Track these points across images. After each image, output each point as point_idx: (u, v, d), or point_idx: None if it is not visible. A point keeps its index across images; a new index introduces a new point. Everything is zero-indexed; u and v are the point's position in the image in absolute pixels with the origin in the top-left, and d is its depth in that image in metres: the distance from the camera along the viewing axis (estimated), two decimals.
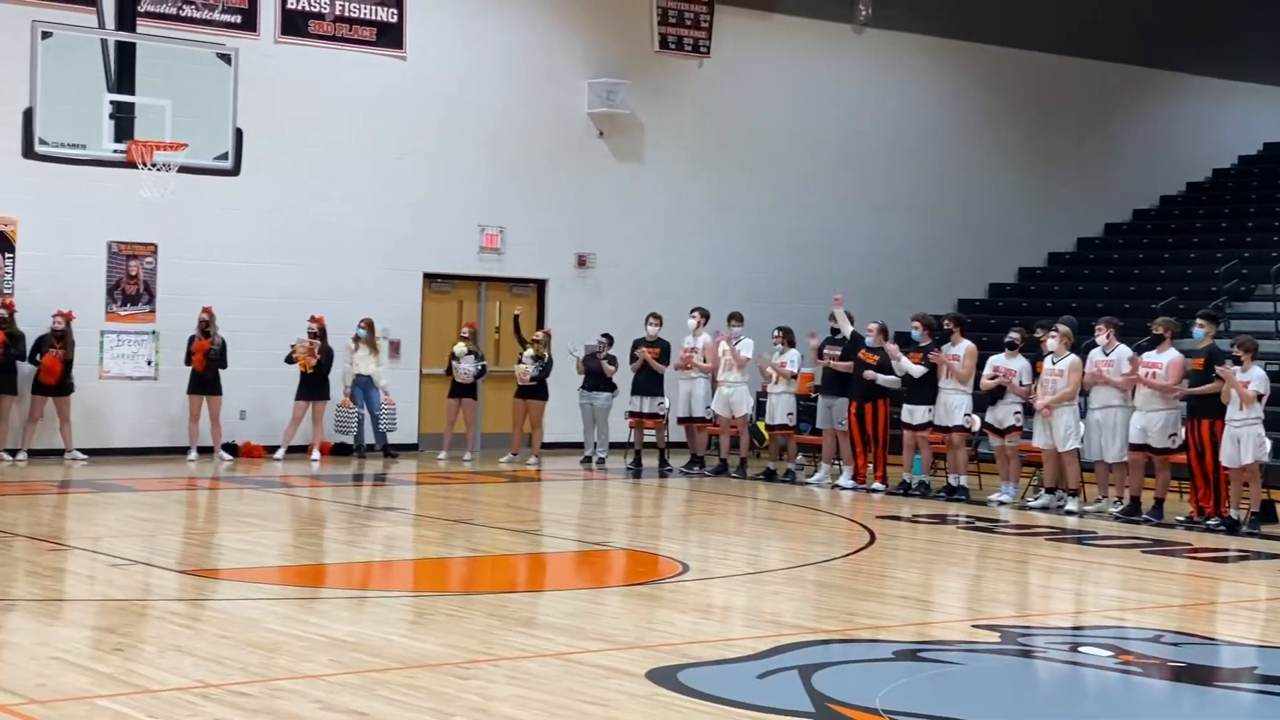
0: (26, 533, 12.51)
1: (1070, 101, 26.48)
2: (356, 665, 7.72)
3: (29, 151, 14.72)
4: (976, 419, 16.63)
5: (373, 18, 20.54)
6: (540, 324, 21.52)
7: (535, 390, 19.68)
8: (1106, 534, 14.28)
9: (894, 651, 8.67)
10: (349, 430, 19.70)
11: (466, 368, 19.70)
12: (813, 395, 19.21)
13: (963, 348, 16.75)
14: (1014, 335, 16.54)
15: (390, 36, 20.68)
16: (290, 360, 19.06)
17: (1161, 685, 8.35)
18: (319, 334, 19.17)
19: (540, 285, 22.13)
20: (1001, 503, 16.21)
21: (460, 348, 19.77)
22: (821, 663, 8.24)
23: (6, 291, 18.28)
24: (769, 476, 18.41)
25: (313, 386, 19.16)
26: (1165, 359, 15.01)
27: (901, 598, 10.64)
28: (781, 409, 18.50)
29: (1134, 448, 15.14)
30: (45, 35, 14.54)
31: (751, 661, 8.14)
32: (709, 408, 19.05)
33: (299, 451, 19.29)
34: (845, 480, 17.59)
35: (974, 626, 9.48)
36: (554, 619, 9.26)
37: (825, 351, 17.95)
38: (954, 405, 16.63)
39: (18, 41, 15.02)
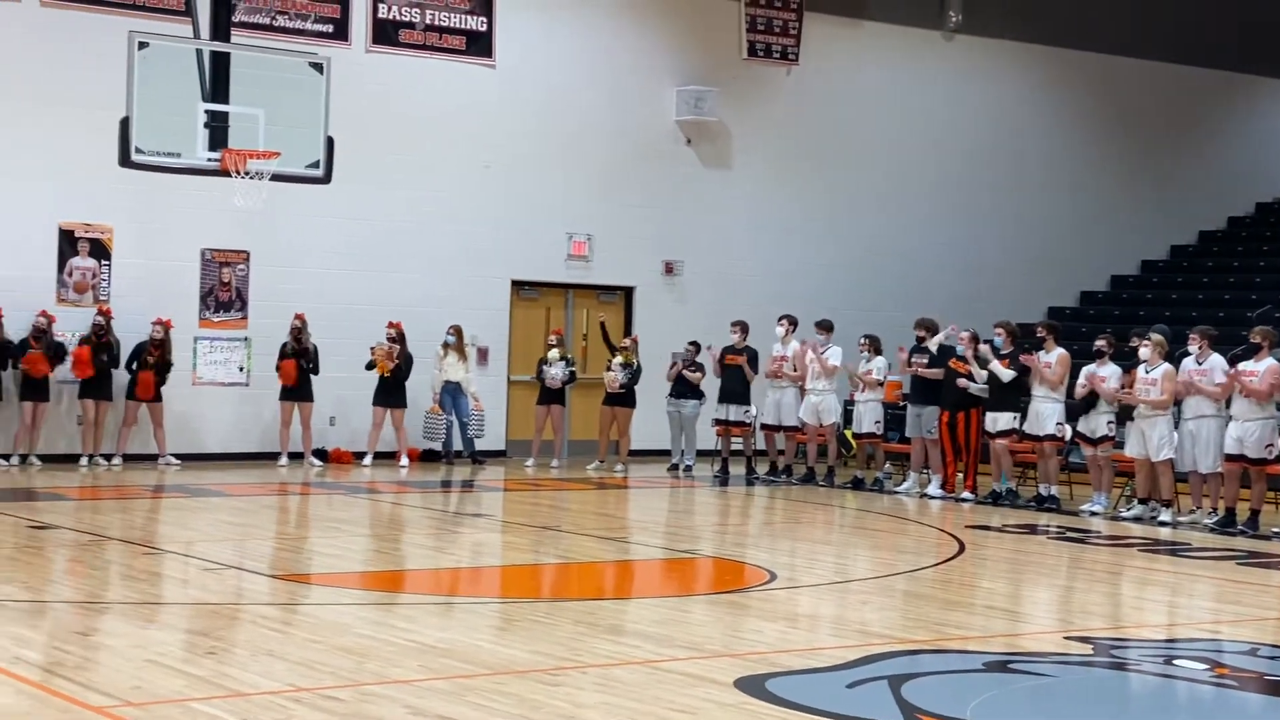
0: (121, 536, 12.68)
1: (1164, 107, 26.17)
2: (445, 671, 7.75)
3: (125, 160, 14.90)
4: (1068, 428, 16.46)
5: (463, 27, 20.67)
6: (627, 331, 21.55)
7: (623, 397, 19.71)
8: (1201, 546, 14.08)
9: (984, 663, 8.59)
10: (438, 437, 19.80)
11: (555, 373, 19.76)
12: (901, 403, 19.10)
13: (1055, 355, 16.59)
14: (1100, 343, 16.36)
15: (480, 45, 20.79)
16: (371, 366, 19.20)
17: (1258, 699, 8.22)
18: (397, 339, 19.29)
19: (627, 292, 22.16)
20: (1093, 513, 16.04)
21: (553, 353, 19.84)
22: (911, 673, 8.18)
23: (103, 298, 18.54)
24: (857, 485, 18.31)
25: (390, 393, 19.26)
26: (1262, 367, 14.80)
27: (991, 608, 10.55)
28: (869, 417, 18.40)
29: (1229, 458, 14.93)
30: (142, 45, 14.72)
31: (840, 671, 8.09)
32: (798, 416, 18.98)
33: (387, 458, 19.42)
34: (934, 489, 17.48)
35: (1066, 638, 9.37)
36: (641, 626, 9.26)
37: (913, 360, 17.84)
38: (1046, 414, 16.48)
39: (115, 52, 15.22)
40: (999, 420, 16.81)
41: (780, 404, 19.02)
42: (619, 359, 19.68)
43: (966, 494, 17.12)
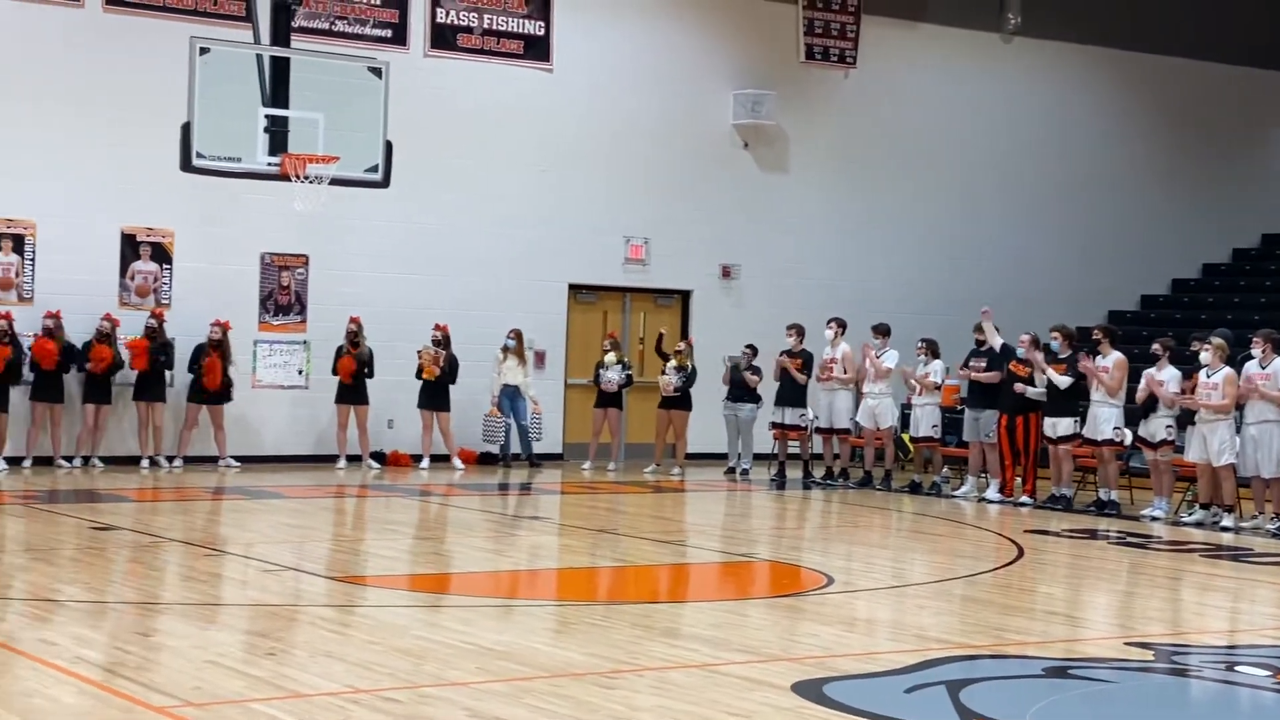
0: (182, 538, 12.78)
1: (1226, 109, 25.94)
2: (503, 673, 7.77)
3: (186, 165, 15.01)
4: (1128, 432, 16.34)
5: (520, 31, 20.73)
6: (684, 334, 21.54)
7: (678, 401, 19.71)
8: (1263, 551, 13.95)
9: (1044, 668, 8.54)
10: (496, 439, 19.85)
11: (612, 376, 19.78)
12: (959, 407, 19.02)
13: (1112, 359, 16.47)
14: (1157, 346, 16.23)
15: (537, 49, 20.85)
16: (419, 373, 19.27)
17: None
18: (443, 341, 19.34)
19: (685, 296, 22.16)
20: (1154, 518, 15.91)
21: (610, 357, 19.86)
22: (970, 678, 8.14)
23: (164, 302, 18.70)
24: (914, 489, 18.24)
25: (434, 396, 19.28)
26: None
27: (1051, 613, 10.48)
28: (926, 421, 18.33)
29: None
30: (203, 51, 14.82)
31: (898, 676, 8.06)
32: (853, 419, 18.94)
33: (443, 460, 19.49)
34: (992, 493, 17.39)
35: (1126, 644, 9.30)
36: (698, 630, 9.25)
37: (971, 363, 17.75)
38: (1104, 418, 16.36)
39: (177, 57, 15.35)
40: (1059, 425, 16.70)
41: (833, 407, 18.97)
42: (673, 363, 19.68)
43: (1025, 498, 17.02)
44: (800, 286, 22.24)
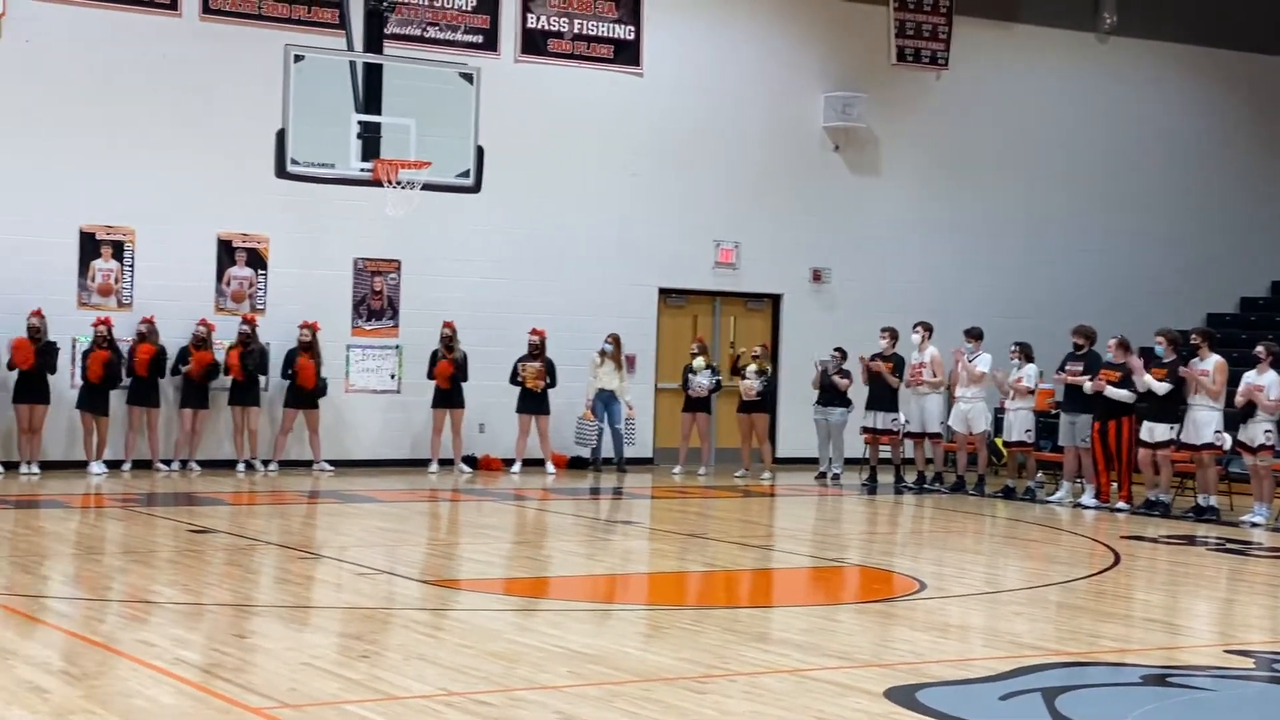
0: (278, 541, 12.91)
1: None
2: (594, 677, 7.78)
3: (281, 171, 15.17)
4: (1227, 437, 16.10)
5: (610, 35, 20.77)
6: (775, 339, 21.51)
7: (758, 405, 19.67)
8: None
9: (1141, 676, 8.43)
10: (588, 443, 19.90)
11: (702, 381, 19.77)
12: (1053, 411, 18.83)
13: (1211, 363, 16.23)
14: (1259, 349, 15.99)
15: (628, 54, 20.88)
16: (516, 380, 19.34)
17: None
18: (539, 347, 19.42)
19: (775, 300, 22.11)
20: (1254, 524, 15.67)
21: (698, 361, 19.85)
22: (1066, 685, 8.05)
23: (259, 307, 18.90)
24: (1007, 494, 18.08)
25: (537, 401, 19.40)
26: None
27: (1149, 620, 10.35)
28: (1019, 425, 18.17)
29: None
30: (298, 59, 14.98)
31: (993, 683, 7.99)
32: (944, 423, 18.81)
33: (534, 465, 19.56)
34: (1088, 499, 17.20)
35: (1226, 652, 9.17)
36: (789, 635, 9.22)
37: (1068, 367, 17.57)
38: (1203, 422, 16.13)
39: (272, 65, 15.52)
40: (1155, 430, 16.49)
41: (924, 411, 18.85)
42: (753, 367, 19.63)
43: (1121, 504, 16.82)
44: (891, 290, 22.12)
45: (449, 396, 19.11)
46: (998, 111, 23.23)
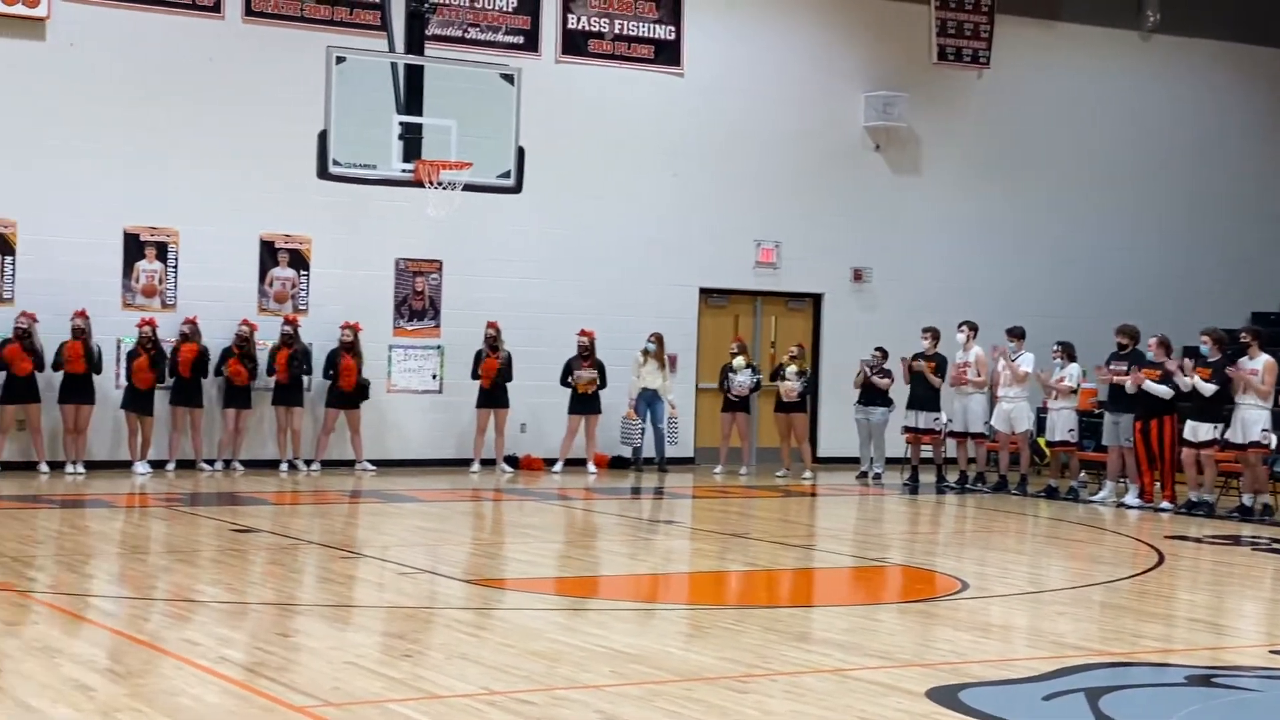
0: (320, 540, 12.97)
1: None
2: (636, 676, 7.79)
3: (323, 172, 15.20)
4: (1274, 436, 15.99)
5: (651, 36, 20.78)
6: (816, 339, 21.47)
7: (797, 405, 19.64)
8: None
9: (1185, 676, 8.38)
10: (632, 442, 19.91)
11: (742, 380, 19.76)
12: (1096, 411, 18.74)
13: (1261, 361, 16.12)
14: None
15: (668, 54, 20.89)
16: (567, 383, 19.38)
17: None
18: (589, 349, 19.46)
19: (816, 300, 22.07)
20: None
21: (738, 361, 19.85)
22: (1109, 686, 8.01)
23: (301, 308, 18.99)
24: (1050, 494, 18.01)
25: (587, 402, 19.47)
26: None
27: (1193, 620, 10.29)
28: (1062, 425, 18.09)
29: None
30: (339, 60, 15.02)
31: (1036, 683, 7.96)
32: (987, 423, 18.75)
33: (575, 464, 19.59)
34: (1131, 498, 17.11)
35: (1271, 652, 9.11)
36: (830, 634, 9.21)
37: (1111, 366, 17.49)
38: (1251, 421, 16.02)
39: (314, 66, 15.58)
40: (1200, 430, 16.40)
41: (967, 411, 18.79)
42: (793, 368, 19.60)
43: (1165, 504, 16.73)
44: (932, 290, 22.05)
45: (494, 396, 19.17)
46: (1039, 110, 23.14)
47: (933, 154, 22.60)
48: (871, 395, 19.49)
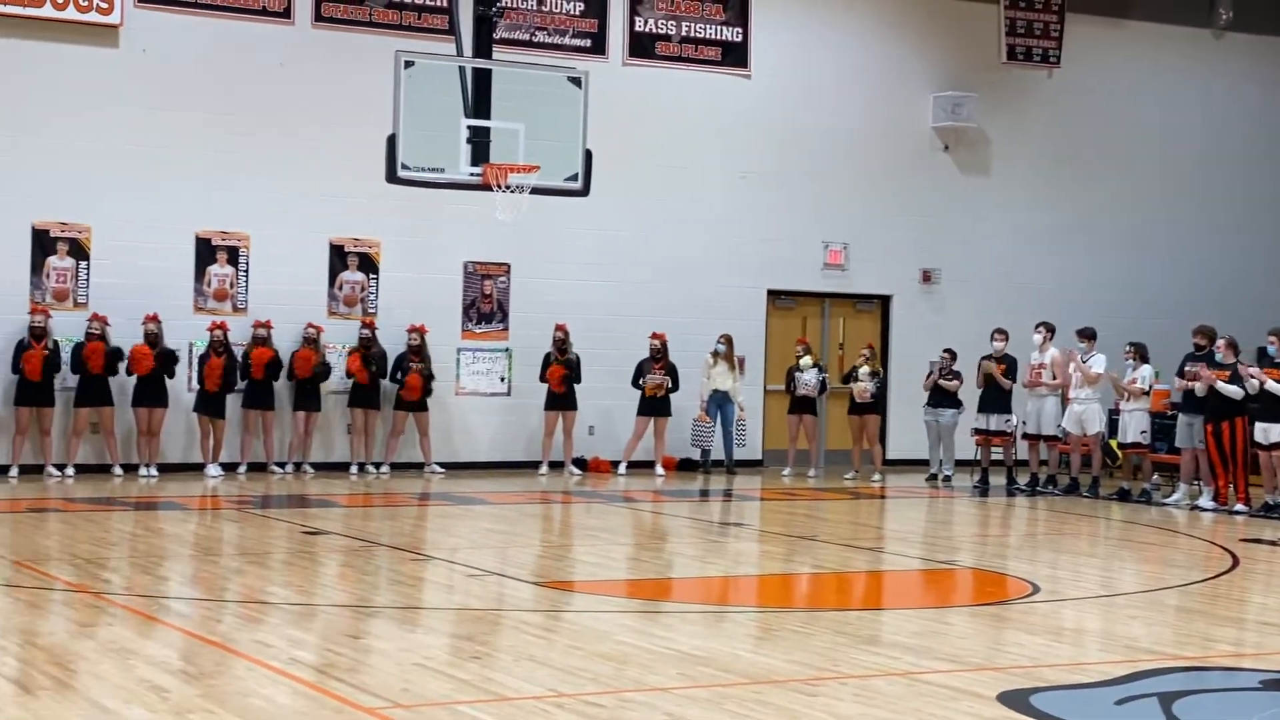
0: (389, 543, 13.04)
1: None
2: (704, 679, 7.78)
3: (392, 176, 15.29)
4: None
5: (718, 38, 20.76)
6: (885, 340, 21.38)
7: (870, 406, 19.57)
8: None
9: (1260, 681, 8.28)
10: (706, 443, 19.89)
11: (809, 379, 19.71)
12: (1169, 413, 18.56)
13: None
14: None
15: (735, 56, 20.86)
16: (639, 385, 19.40)
17: None
18: (662, 351, 19.48)
19: (884, 301, 21.98)
20: None
21: (805, 360, 19.80)
22: (1183, 690, 7.93)
23: (370, 311, 19.10)
24: (1123, 496, 17.85)
25: (657, 404, 19.49)
26: None
27: (1266, 625, 10.17)
28: (1134, 427, 17.93)
29: None
30: (408, 65, 15.10)
31: (1108, 687, 7.89)
32: (1059, 425, 18.61)
33: (642, 466, 19.60)
34: (1205, 501, 16.94)
35: None
36: (900, 638, 9.16)
37: (1187, 369, 17.29)
38: None
39: (382, 71, 15.66)
40: (1271, 432, 16.20)
41: (1040, 413, 18.65)
42: (866, 368, 19.54)
43: (1240, 506, 16.55)
44: (1002, 291, 21.92)
45: (562, 399, 19.21)
46: (1110, 109, 22.95)
47: (1002, 154, 22.46)
48: (941, 397, 19.40)
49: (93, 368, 17.38)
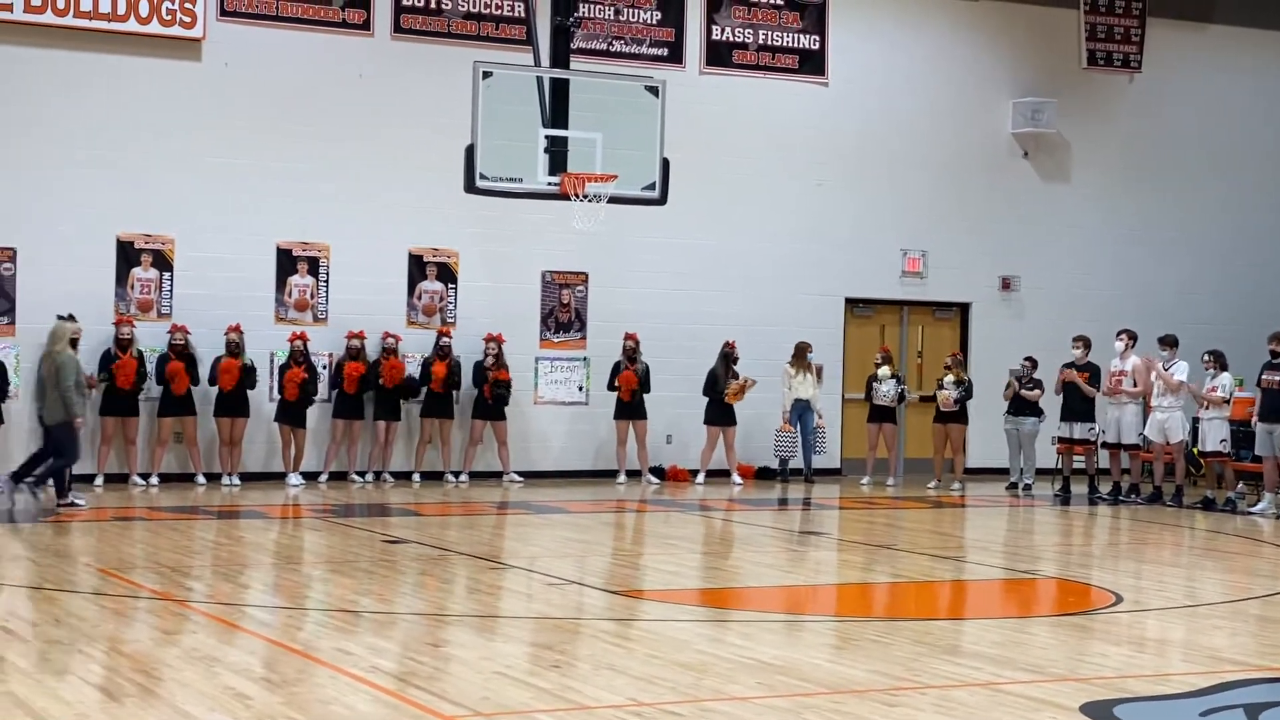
0: (468, 551, 13.09)
1: None
2: (783, 689, 7.76)
3: (470, 186, 15.39)
4: None
5: (795, 45, 20.73)
6: (964, 348, 21.25)
7: (956, 415, 19.45)
8: None
9: None
10: (789, 452, 19.84)
11: (887, 389, 19.63)
12: (1251, 421, 18.33)
13: None
14: None
15: (812, 63, 20.82)
16: (718, 392, 19.37)
17: None
18: (731, 358, 19.46)
19: (963, 309, 21.85)
20: None
21: (883, 370, 19.72)
22: (1269, 702, 7.83)
23: (449, 321, 19.20)
24: (1207, 505, 17.64)
25: (724, 412, 19.44)
26: None
27: None
28: (1214, 435, 17.73)
29: None
30: (486, 75, 15.20)
31: (1193, 699, 7.80)
32: (1141, 434, 18.42)
33: (719, 475, 19.57)
34: None
35: None
36: (981, 648, 9.09)
37: (1264, 377, 17.07)
38: None
39: (461, 81, 15.77)
40: None
41: (1121, 421, 18.48)
42: (951, 377, 19.43)
43: None
44: (1082, 298, 21.75)
45: (632, 408, 19.22)
46: (1192, 114, 22.71)
47: (1082, 160, 22.28)
48: (1021, 405, 19.25)
49: (176, 389, 17.56)
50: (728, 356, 19.50)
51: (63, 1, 17.51)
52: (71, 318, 16.29)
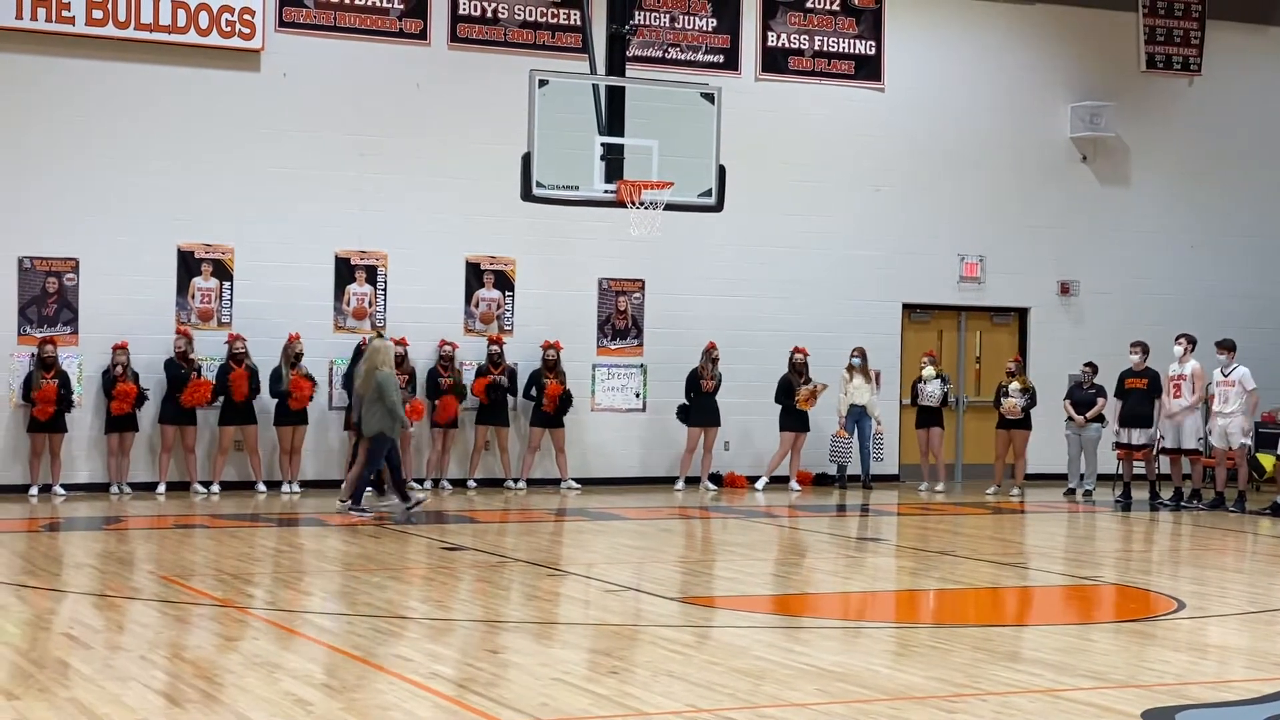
0: (526, 558, 13.12)
1: None
2: (842, 695, 7.74)
3: (527, 194, 15.44)
4: None
5: (851, 51, 20.69)
6: (1023, 353, 21.14)
7: (1020, 421, 19.35)
8: None
9: None
10: (845, 458, 19.79)
11: (932, 390, 19.55)
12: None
13: None
14: None
15: (869, 69, 20.77)
16: (790, 397, 19.36)
17: None
18: (804, 366, 19.45)
19: (1021, 314, 21.74)
20: None
21: (927, 371, 19.63)
22: None
23: (506, 328, 19.25)
24: (1274, 511, 17.47)
25: (800, 418, 19.43)
26: None
27: None
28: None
29: None
30: (542, 83, 15.24)
31: (1256, 705, 7.73)
32: (1201, 439, 18.27)
33: (777, 482, 19.54)
34: None
35: None
36: (1041, 654, 9.04)
37: None
38: None
39: (517, 90, 15.81)
40: None
41: (1181, 426, 18.32)
42: (1016, 384, 19.32)
43: None
44: (1142, 303, 21.60)
45: (708, 414, 19.23)
46: (1253, 117, 22.52)
47: (1142, 164, 22.13)
48: (1082, 411, 19.12)
49: (236, 396, 17.69)
50: (798, 363, 19.48)
51: (124, 14, 17.69)
52: (382, 334, 17.11)
